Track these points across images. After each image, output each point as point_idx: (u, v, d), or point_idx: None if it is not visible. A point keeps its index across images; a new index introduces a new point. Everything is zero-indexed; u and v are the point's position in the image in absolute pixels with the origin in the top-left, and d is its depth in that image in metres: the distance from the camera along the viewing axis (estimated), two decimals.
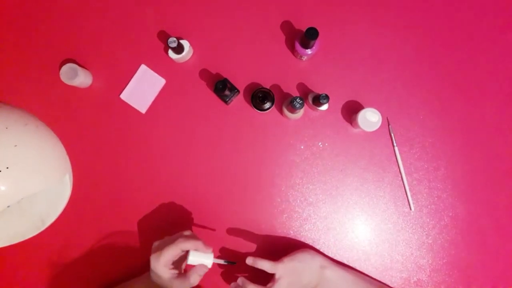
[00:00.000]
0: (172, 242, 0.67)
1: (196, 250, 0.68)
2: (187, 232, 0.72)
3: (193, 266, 0.69)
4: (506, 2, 0.83)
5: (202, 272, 0.69)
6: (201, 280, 0.70)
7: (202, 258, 0.69)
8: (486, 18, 0.83)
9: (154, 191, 0.83)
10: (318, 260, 0.75)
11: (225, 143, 0.82)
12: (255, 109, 0.79)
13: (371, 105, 0.80)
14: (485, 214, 0.81)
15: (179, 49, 0.78)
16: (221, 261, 0.73)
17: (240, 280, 0.70)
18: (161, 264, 0.67)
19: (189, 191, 0.82)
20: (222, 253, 0.82)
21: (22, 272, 0.82)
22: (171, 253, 0.67)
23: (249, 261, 0.72)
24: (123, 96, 0.83)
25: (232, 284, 0.71)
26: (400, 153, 0.81)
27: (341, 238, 0.81)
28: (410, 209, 0.81)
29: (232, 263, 0.74)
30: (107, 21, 0.84)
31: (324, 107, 0.79)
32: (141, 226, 0.82)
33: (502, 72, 0.82)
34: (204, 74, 0.83)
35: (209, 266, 0.69)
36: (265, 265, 0.71)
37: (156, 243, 0.71)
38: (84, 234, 0.82)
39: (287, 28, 0.83)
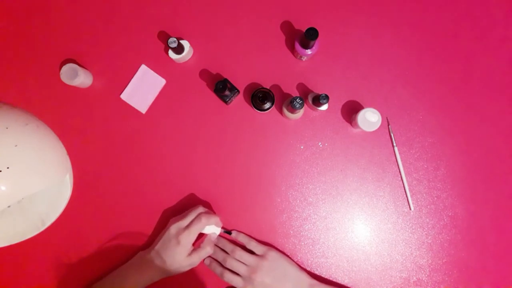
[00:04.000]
0: (198, 220, 0.74)
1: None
2: (202, 209, 0.78)
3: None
4: (507, 3, 0.83)
5: (214, 239, 0.80)
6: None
7: (213, 229, 0.78)
8: (486, 19, 0.83)
9: (154, 191, 0.83)
10: (306, 280, 0.77)
11: (225, 143, 0.83)
12: (255, 109, 0.79)
13: (370, 105, 0.80)
14: (485, 214, 0.81)
15: (179, 49, 0.78)
16: (222, 230, 0.81)
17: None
18: (192, 240, 0.74)
19: (189, 191, 0.83)
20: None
21: (21, 273, 0.82)
22: (199, 229, 0.75)
23: (234, 233, 0.81)
24: (124, 96, 0.83)
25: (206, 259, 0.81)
26: (399, 153, 0.81)
27: (340, 237, 0.81)
28: (410, 209, 0.81)
29: (229, 233, 0.81)
30: (108, 21, 0.84)
31: (324, 107, 0.79)
32: (141, 226, 0.82)
33: (502, 72, 0.82)
34: (204, 74, 0.83)
35: (218, 233, 0.80)
36: (244, 239, 0.80)
37: (176, 224, 0.75)
38: (84, 234, 0.82)
39: (287, 28, 0.83)
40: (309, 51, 0.77)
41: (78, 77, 0.78)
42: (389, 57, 0.82)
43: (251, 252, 0.79)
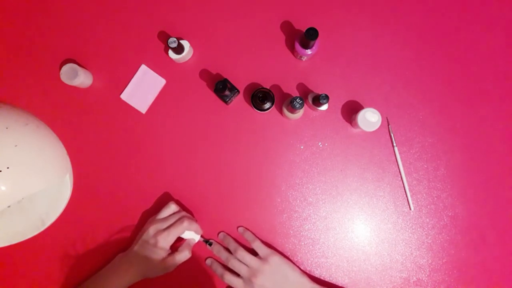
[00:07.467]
0: (179, 222, 0.75)
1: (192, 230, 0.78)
2: (184, 213, 0.78)
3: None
4: (507, 4, 0.83)
5: (192, 244, 0.79)
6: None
7: (193, 235, 0.79)
8: (486, 19, 0.83)
9: (154, 191, 0.83)
10: (307, 284, 0.77)
11: (225, 143, 0.83)
12: (255, 109, 0.79)
13: (370, 105, 0.80)
14: (485, 214, 0.81)
15: (179, 49, 0.78)
16: (201, 239, 0.81)
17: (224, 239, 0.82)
18: (170, 242, 0.75)
19: (189, 191, 0.83)
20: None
21: (21, 272, 0.82)
22: (179, 233, 0.75)
23: (241, 229, 0.81)
24: (124, 96, 0.83)
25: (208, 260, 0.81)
26: (399, 153, 0.81)
27: (340, 238, 0.81)
28: (410, 209, 0.81)
29: (209, 243, 0.81)
30: (108, 21, 0.84)
31: (324, 107, 0.79)
32: (141, 226, 0.82)
33: (502, 71, 0.82)
34: (204, 74, 0.83)
35: (196, 240, 0.80)
36: (250, 237, 0.80)
37: (155, 226, 0.75)
38: (84, 234, 0.82)
39: (287, 28, 0.83)
40: (309, 51, 0.77)
41: (78, 77, 0.78)
42: (389, 57, 0.82)
43: (254, 252, 0.79)
